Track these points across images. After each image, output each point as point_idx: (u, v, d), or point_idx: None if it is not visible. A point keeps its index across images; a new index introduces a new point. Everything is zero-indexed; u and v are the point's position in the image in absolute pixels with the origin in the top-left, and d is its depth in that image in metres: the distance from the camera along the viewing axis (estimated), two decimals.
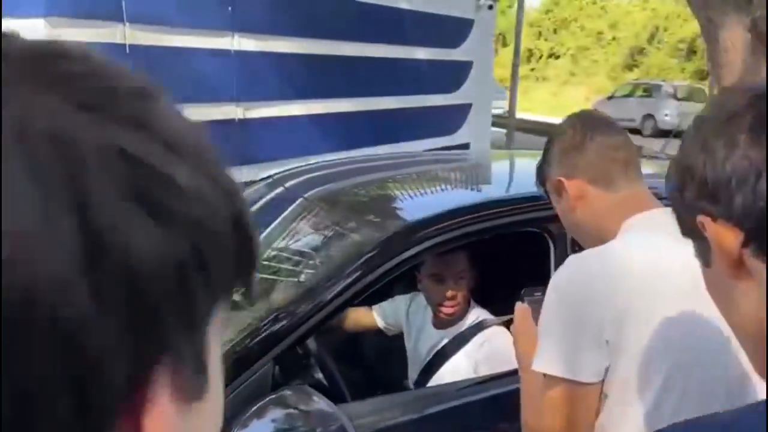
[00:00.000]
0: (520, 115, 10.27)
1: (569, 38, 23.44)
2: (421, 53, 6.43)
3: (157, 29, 4.06)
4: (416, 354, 2.11)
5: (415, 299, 2.17)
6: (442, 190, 2.42)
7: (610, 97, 17.94)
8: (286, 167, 5.15)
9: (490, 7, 7.18)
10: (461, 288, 1.96)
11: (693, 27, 20.32)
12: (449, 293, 1.95)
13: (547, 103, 15.51)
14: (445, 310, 1.97)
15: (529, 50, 22.75)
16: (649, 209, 1.18)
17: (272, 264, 1.89)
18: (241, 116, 4.72)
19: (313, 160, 5.31)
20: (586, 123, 1.26)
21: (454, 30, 6.85)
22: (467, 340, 1.98)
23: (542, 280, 2.03)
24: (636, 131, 16.17)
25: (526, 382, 1.38)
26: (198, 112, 4.37)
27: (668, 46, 20.25)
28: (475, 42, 7.13)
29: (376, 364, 2.42)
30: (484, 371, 1.92)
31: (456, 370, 1.96)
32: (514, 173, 2.75)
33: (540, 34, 24.18)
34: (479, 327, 1.99)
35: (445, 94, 6.85)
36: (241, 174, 4.79)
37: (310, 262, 1.85)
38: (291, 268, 1.85)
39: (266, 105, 4.91)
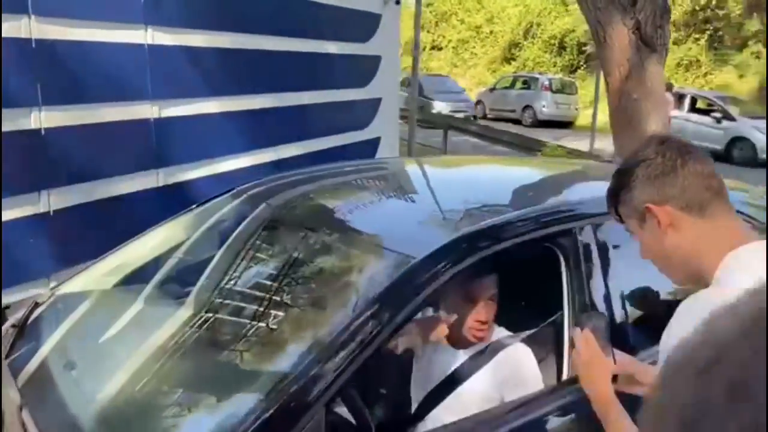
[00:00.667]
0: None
1: (450, 31, 24.04)
2: (333, 47, 6.30)
3: (65, 22, 3.66)
4: (428, 373, 2.03)
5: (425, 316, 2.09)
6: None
7: (492, 89, 18.62)
8: (203, 169, 4.88)
9: (397, 2, 7.19)
10: (491, 311, 1.91)
11: (563, 23, 21.58)
12: (482, 317, 1.89)
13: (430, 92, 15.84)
14: (476, 333, 1.91)
15: (399, 54, 23.15)
16: (749, 241, 1.17)
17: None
18: (157, 115, 4.38)
19: (231, 160, 5.09)
20: (678, 149, 1.23)
21: (363, 25, 6.79)
22: (488, 359, 1.92)
23: (554, 294, 2.04)
24: (517, 121, 16.95)
25: (614, 425, 1.34)
26: (110, 112, 4.03)
27: (541, 41, 21.28)
28: (383, 36, 7.11)
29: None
30: (511, 389, 1.88)
31: (475, 389, 1.90)
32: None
33: (422, 26, 24.61)
34: (500, 345, 1.94)
35: (356, 89, 6.78)
36: (158, 178, 4.45)
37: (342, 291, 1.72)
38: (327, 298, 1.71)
39: (183, 103, 4.58)
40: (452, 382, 1.93)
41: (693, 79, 17.38)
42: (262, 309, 1.90)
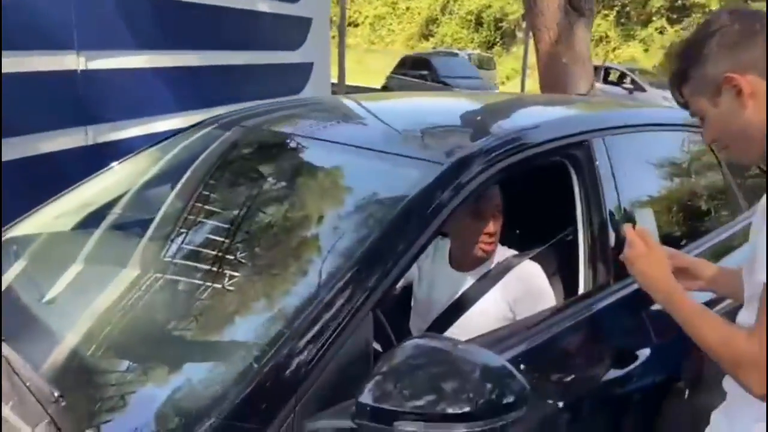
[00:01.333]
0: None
1: (366, 7, 23.83)
2: (263, 5, 6.03)
3: None
4: (431, 300, 1.91)
5: None
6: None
7: None
8: (135, 128, 4.56)
9: None
10: (498, 223, 1.82)
11: (479, 0, 21.86)
12: (490, 229, 1.79)
13: (352, 70, 15.59)
14: (485, 247, 1.82)
15: (329, 18, 22.71)
16: None
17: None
18: (84, 67, 4.01)
19: (164, 120, 4.77)
20: (753, 14, 1.15)
21: None
22: (497, 279, 1.82)
23: (564, 210, 1.96)
24: None
25: (685, 308, 1.26)
26: (33, 62, 3.64)
27: (458, 17, 21.47)
28: None
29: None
30: (525, 308, 1.79)
31: (486, 311, 1.81)
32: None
33: (337, 1, 24.21)
34: (509, 263, 1.85)
35: (288, 51, 6.53)
36: (86, 138, 4.10)
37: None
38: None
39: (111, 55, 4.23)
40: (460, 306, 1.82)
41: (603, 53, 18.00)
42: (255, 239, 1.71)
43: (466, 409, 1.11)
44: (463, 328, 1.74)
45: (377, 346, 1.42)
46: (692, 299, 1.29)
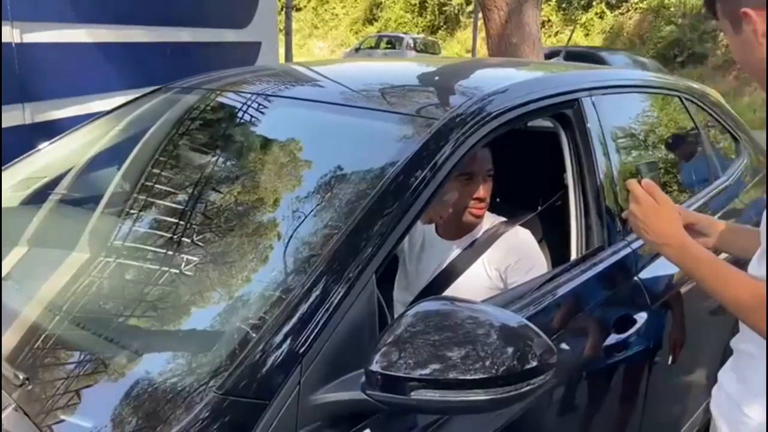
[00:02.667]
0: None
1: None
2: None
3: None
4: (418, 270, 1.82)
5: None
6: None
7: (357, 49, 18.44)
8: (75, 107, 4.30)
9: None
10: (489, 188, 1.73)
11: None
12: (480, 193, 1.70)
13: (296, 54, 15.31)
14: (475, 211, 1.74)
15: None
16: None
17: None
18: (18, 40, 3.73)
19: (106, 99, 4.51)
20: None
21: None
22: (486, 246, 1.74)
23: (555, 173, 1.88)
24: None
25: (702, 262, 1.20)
26: None
27: (403, 1, 21.35)
28: None
29: None
30: (517, 276, 1.71)
31: (475, 280, 1.73)
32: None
33: None
34: (498, 231, 1.77)
35: (236, 30, 6.30)
36: (24, 115, 3.83)
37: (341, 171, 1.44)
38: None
39: (48, 27, 3.95)
40: (448, 275, 1.74)
41: (546, 38, 18.22)
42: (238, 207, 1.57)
43: (486, 375, 1.02)
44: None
45: None
46: (708, 252, 1.23)
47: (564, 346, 1.49)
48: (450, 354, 1.03)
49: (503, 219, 1.83)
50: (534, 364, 1.04)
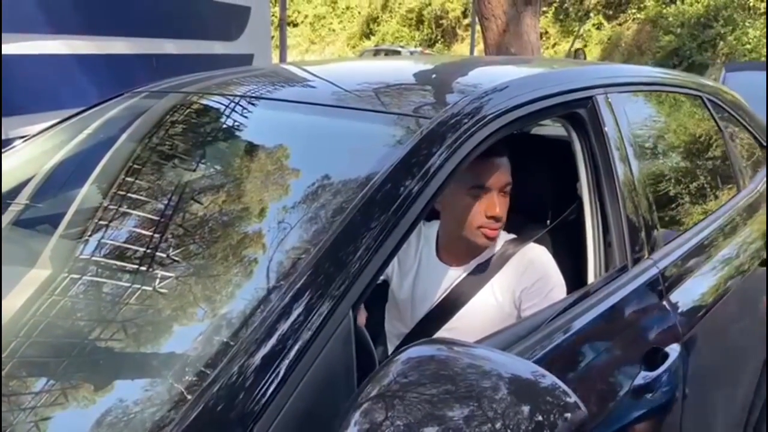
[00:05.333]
0: None
1: (305, 6, 23.40)
2: None
3: None
4: (414, 298, 1.58)
5: None
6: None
7: None
8: (50, 120, 4.08)
9: None
10: (505, 204, 1.49)
11: None
12: (497, 210, 1.45)
13: None
14: (489, 232, 1.48)
15: (270, 10, 22.29)
16: None
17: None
18: None
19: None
20: None
21: None
22: (497, 269, 1.51)
23: (567, 183, 1.66)
24: None
25: None
26: None
27: (399, 15, 21.29)
28: None
29: None
30: (533, 302, 1.47)
31: (485, 307, 1.49)
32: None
33: (275, 1, 23.70)
34: (510, 251, 1.53)
35: (226, 42, 6.12)
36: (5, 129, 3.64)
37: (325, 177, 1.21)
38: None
39: (25, 38, 3.75)
40: (452, 303, 1.50)
41: (544, 49, 18.10)
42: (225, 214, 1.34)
43: None
44: (457, 332, 1.43)
45: None
46: None
47: (584, 390, 1.26)
48: (451, 413, 0.80)
49: (513, 236, 1.59)
50: (559, 428, 0.80)
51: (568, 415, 0.81)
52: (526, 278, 1.50)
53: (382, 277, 1.63)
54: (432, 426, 0.79)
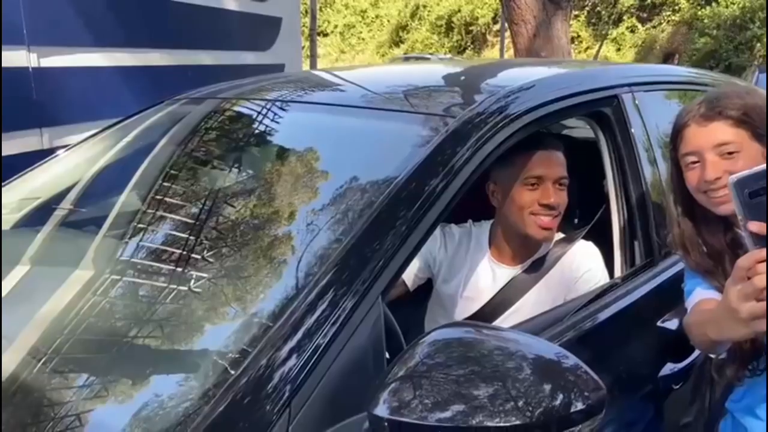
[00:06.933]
0: None
1: (335, 16, 23.61)
2: (231, 3, 5.73)
3: None
4: (466, 295, 1.60)
5: (447, 231, 1.66)
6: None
7: None
8: (92, 130, 4.22)
9: None
10: (562, 196, 1.51)
11: (449, 4, 21.74)
12: (551, 198, 1.47)
13: None
14: (543, 220, 1.49)
15: (300, 20, 22.50)
16: None
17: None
18: (36, 64, 3.68)
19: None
20: None
21: None
22: (550, 267, 1.53)
23: (593, 181, 1.68)
24: None
25: None
26: None
27: (428, 22, 21.34)
28: None
29: None
30: (581, 294, 1.49)
31: (537, 304, 1.50)
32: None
33: (306, 12, 23.97)
34: (561, 250, 1.55)
35: (258, 52, 6.24)
36: (41, 141, 3.76)
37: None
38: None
39: (66, 51, 3.89)
40: (503, 302, 1.52)
41: (576, 53, 17.97)
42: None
43: (519, 420, 0.82)
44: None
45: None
46: None
47: (610, 378, 1.28)
48: (476, 392, 0.84)
49: (563, 235, 1.62)
50: (579, 406, 0.84)
51: (589, 394, 0.84)
52: (574, 273, 1.52)
53: (426, 276, 1.68)
54: (458, 404, 0.83)
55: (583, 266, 1.52)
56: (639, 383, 1.32)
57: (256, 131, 1.67)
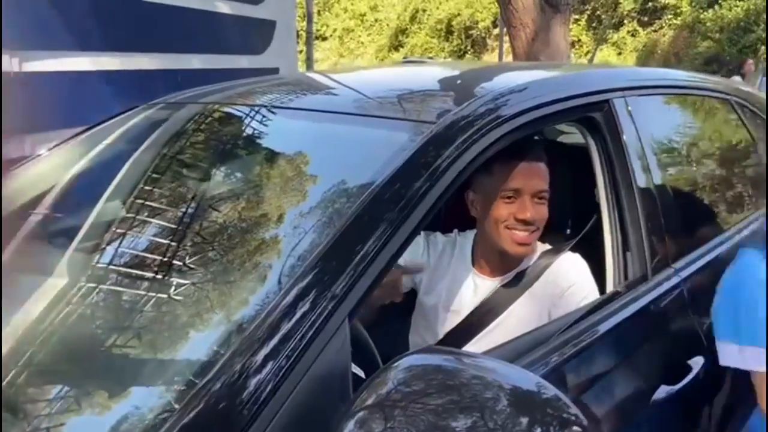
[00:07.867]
0: None
1: (334, 20, 23.58)
2: (223, 6, 5.67)
3: None
4: (447, 307, 1.53)
5: (432, 240, 1.59)
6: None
7: None
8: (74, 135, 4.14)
9: None
10: (540, 211, 1.43)
11: (448, 8, 21.70)
12: (527, 214, 1.40)
13: None
14: (517, 236, 1.42)
15: (296, 32, 22.49)
16: None
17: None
18: (17, 69, 3.60)
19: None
20: None
21: None
22: (533, 281, 1.45)
23: (583, 189, 1.59)
24: None
25: None
26: None
27: (428, 26, 21.29)
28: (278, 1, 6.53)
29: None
30: (567, 309, 1.41)
31: (520, 317, 1.43)
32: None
33: (304, 15, 23.94)
34: (545, 262, 1.47)
35: (251, 56, 6.17)
36: (23, 147, 3.69)
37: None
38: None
39: (49, 56, 3.82)
40: (484, 315, 1.44)
41: (576, 58, 17.91)
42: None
43: None
44: (488, 343, 1.38)
45: (358, 371, 1.04)
46: None
47: (598, 406, 1.19)
48: (454, 424, 0.76)
49: (549, 246, 1.54)
50: None
51: (575, 428, 0.76)
52: (558, 287, 1.44)
53: (409, 285, 1.60)
54: None
55: (567, 280, 1.44)
56: (630, 408, 1.23)
57: (231, 136, 1.60)
